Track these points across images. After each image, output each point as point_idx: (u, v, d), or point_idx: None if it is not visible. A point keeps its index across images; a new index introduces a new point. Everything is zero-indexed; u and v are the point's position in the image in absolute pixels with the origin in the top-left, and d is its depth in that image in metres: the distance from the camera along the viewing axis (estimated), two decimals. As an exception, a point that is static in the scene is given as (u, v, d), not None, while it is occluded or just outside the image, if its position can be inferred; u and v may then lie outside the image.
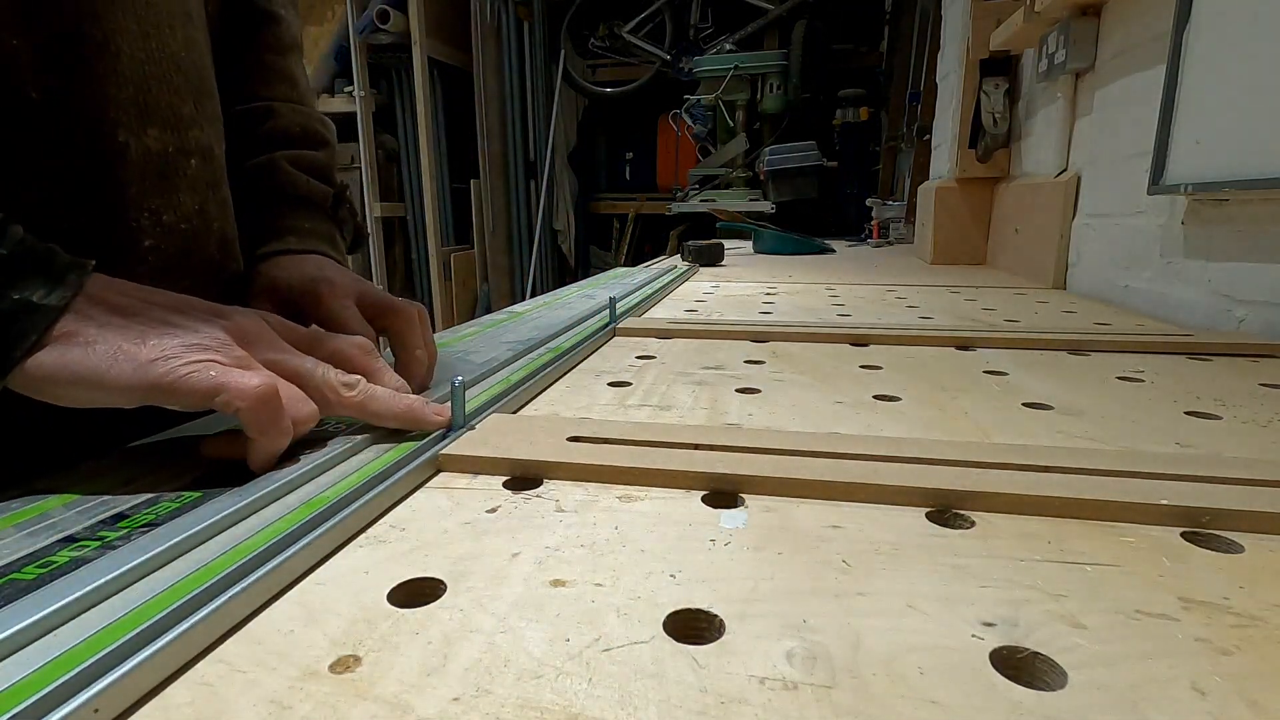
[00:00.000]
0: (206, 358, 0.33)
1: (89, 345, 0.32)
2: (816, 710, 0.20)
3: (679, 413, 0.50)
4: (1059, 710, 0.20)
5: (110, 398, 0.33)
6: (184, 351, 0.33)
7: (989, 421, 0.47)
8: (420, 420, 0.42)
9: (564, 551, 0.30)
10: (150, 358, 0.32)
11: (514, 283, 4.21)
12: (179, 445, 0.42)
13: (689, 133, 3.86)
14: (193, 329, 0.35)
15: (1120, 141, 1.09)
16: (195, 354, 0.33)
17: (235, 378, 0.33)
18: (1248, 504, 0.31)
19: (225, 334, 0.35)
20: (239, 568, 0.26)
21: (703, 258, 1.69)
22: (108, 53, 0.42)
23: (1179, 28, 0.87)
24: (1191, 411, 0.49)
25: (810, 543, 0.30)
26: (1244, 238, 0.81)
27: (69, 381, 0.32)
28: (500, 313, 0.96)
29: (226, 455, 0.37)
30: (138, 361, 0.32)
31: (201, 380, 0.33)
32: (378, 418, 0.41)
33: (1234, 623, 0.24)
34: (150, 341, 0.33)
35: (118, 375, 0.32)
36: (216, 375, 0.33)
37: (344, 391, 0.39)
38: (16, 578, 0.26)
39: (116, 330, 0.33)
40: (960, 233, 1.74)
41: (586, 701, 0.21)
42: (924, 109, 2.46)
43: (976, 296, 1.11)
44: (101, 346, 0.32)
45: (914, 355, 0.68)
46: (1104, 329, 0.80)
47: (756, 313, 0.95)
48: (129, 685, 0.21)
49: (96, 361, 0.32)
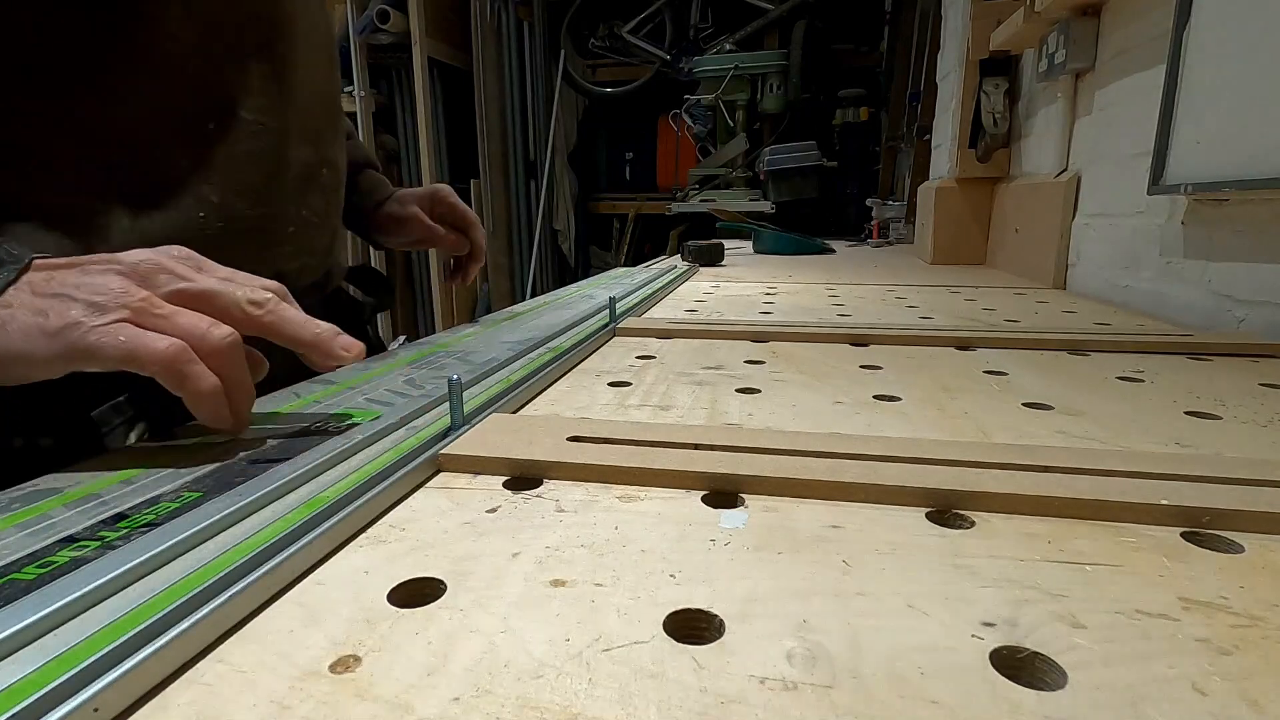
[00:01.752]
0: (111, 319, 0.35)
1: (3, 328, 0.34)
2: (816, 710, 0.20)
3: (679, 413, 0.50)
4: (1059, 710, 0.20)
5: (35, 371, 0.35)
6: (87, 315, 0.34)
7: (989, 421, 0.47)
8: (328, 350, 0.41)
9: (564, 551, 0.30)
10: (57, 327, 0.34)
11: (514, 283, 4.21)
12: (179, 445, 0.42)
13: (689, 133, 3.86)
14: (92, 289, 0.36)
15: (1120, 141, 1.09)
16: (98, 316, 0.34)
17: (145, 343, 0.34)
18: (1248, 504, 0.31)
19: (123, 281, 0.36)
20: (239, 567, 0.26)
21: (703, 258, 1.69)
22: (296, 85, 0.54)
23: (1179, 28, 0.87)
24: (1191, 411, 0.49)
25: (810, 543, 0.30)
26: (1244, 238, 0.81)
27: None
28: (500, 313, 0.96)
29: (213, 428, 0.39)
30: (48, 333, 0.34)
31: (111, 345, 0.34)
32: (288, 340, 0.40)
33: (1234, 623, 0.24)
34: (54, 312, 0.34)
35: (33, 350, 0.34)
36: (125, 341, 0.34)
37: (251, 309, 0.39)
38: (16, 578, 0.26)
39: (27, 310, 0.35)
40: (960, 233, 1.74)
41: (586, 701, 0.21)
42: (924, 109, 2.46)
43: (976, 296, 1.11)
44: (14, 326, 0.34)
45: (914, 355, 0.68)
46: (1104, 329, 0.80)
47: (756, 313, 0.95)
48: (129, 685, 0.21)
49: (10, 341, 0.34)
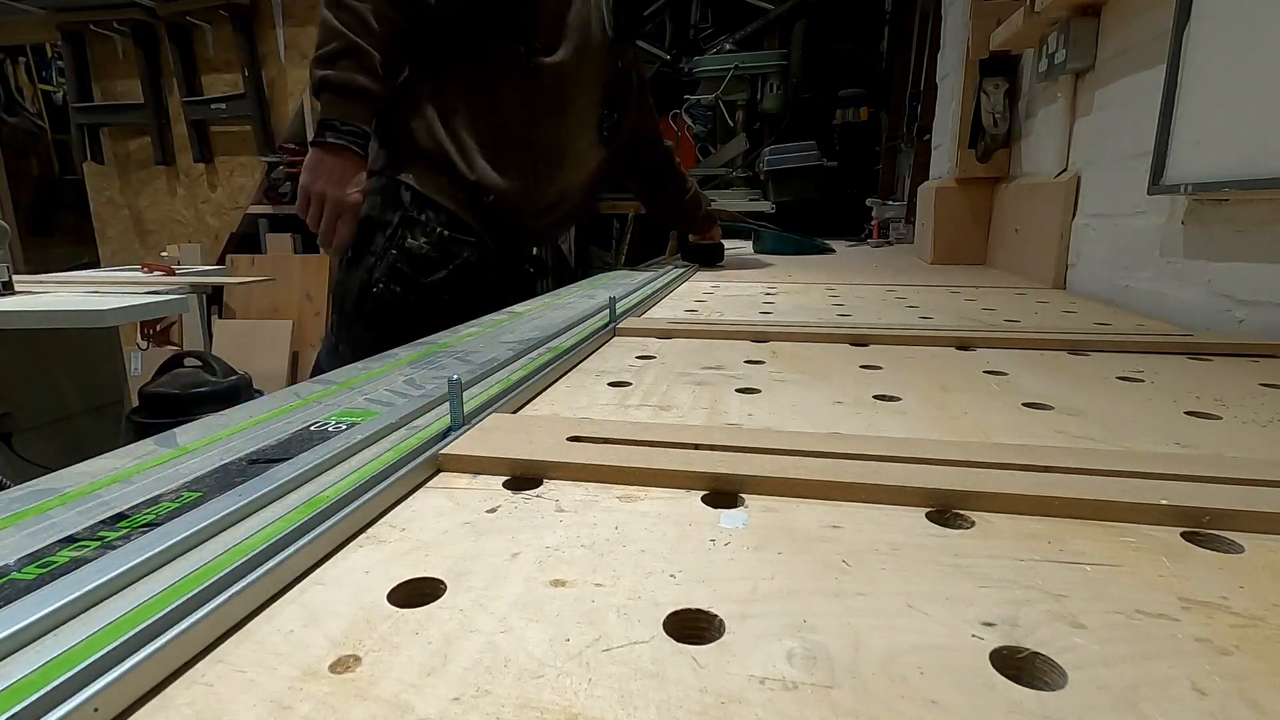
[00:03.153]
0: (304, 192, 1.05)
1: (314, 154, 1.03)
2: (816, 710, 0.20)
3: (679, 413, 0.50)
4: (1059, 710, 0.20)
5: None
6: (304, 182, 1.04)
7: (989, 421, 0.47)
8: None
9: (564, 551, 0.30)
10: (302, 180, 1.06)
11: (514, 283, 4.20)
12: (179, 445, 0.42)
13: (689, 133, 3.86)
14: (313, 180, 1.04)
15: (1120, 141, 1.09)
16: (303, 189, 1.05)
17: (300, 206, 1.07)
18: (1248, 504, 0.31)
19: (311, 185, 1.04)
20: (239, 568, 0.26)
21: (703, 258, 1.69)
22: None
23: (1179, 27, 0.87)
24: (1191, 411, 0.49)
25: (810, 543, 0.30)
26: (1244, 238, 0.81)
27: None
28: (500, 313, 0.96)
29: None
30: (304, 173, 1.05)
31: (300, 200, 1.06)
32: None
33: (1234, 623, 0.24)
34: (311, 173, 1.05)
35: (304, 171, 1.05)
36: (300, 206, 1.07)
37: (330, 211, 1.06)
38: (16, 578, 0.26)
39: (315, 157, 1.03)
40: (960, 233, 1.74)
41: (586, 701, 0.21)
42: (924, 109, 2.46)
43: (976, 296, 1.11)
44: (311, 158, 1.04)
45: (914, 355, 0.68)
46: (1104, 329, 0.80)
47: (756, 313, 0.95)
48: (129, 685, 0.21)
49: (308, 163, 1.05)
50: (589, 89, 1.19)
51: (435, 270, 1.09)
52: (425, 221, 1.09)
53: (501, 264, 1.21)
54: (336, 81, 0.98)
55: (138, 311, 1.65)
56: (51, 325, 1.52)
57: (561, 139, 1.18)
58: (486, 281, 1.15)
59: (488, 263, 1.15)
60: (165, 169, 4.30)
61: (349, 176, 1.02)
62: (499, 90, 1.10)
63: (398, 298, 1.08)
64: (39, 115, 5.02)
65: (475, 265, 1.13)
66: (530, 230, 1.24)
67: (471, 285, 1.11)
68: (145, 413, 1.83)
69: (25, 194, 5.01)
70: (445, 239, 1.09)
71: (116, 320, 1.57)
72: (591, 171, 1.27)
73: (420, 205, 1.09)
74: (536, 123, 1.13)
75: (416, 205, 1.09)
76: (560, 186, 1.21)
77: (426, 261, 1.09)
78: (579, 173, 1.24)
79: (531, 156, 1.15)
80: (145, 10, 4.02)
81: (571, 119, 1.18)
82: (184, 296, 1.81)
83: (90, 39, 4.21)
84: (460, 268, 1.11)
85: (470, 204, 1.12)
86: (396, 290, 1.08)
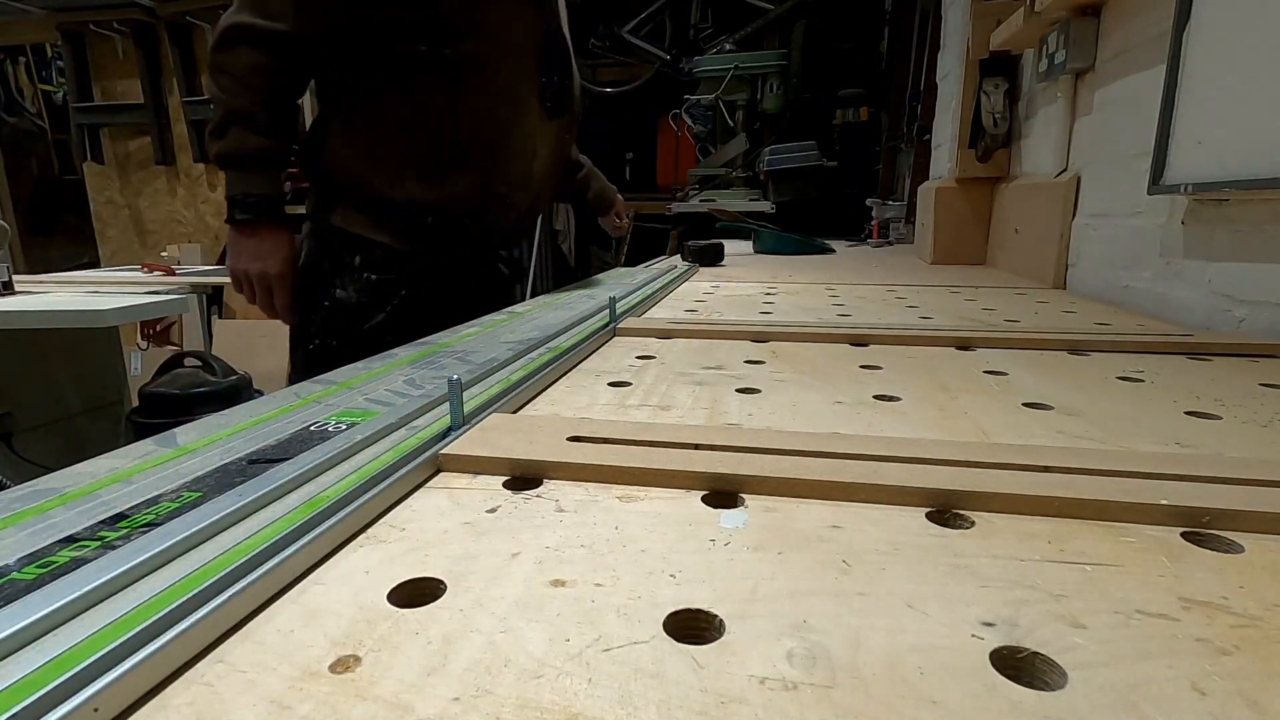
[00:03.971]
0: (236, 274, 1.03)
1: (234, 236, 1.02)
2: (816, 710, 0.20)
3: (679, 413, 0.50)
4: (1059, 710, 0.20)
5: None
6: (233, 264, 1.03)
7: (989, 421, 0.47)
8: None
9: (564, 551, 0.30)
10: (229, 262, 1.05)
11: (514, 283, 4.20)
12: (179, 446, 0.42)
13: (689, 133, 3.86)
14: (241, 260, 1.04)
15: (1120, 141, 1.09)
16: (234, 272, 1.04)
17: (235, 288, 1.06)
18: (1248, 504, 0.31)
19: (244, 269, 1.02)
20: (239, 568, 0.26)
21: (703, 258, 1.69)
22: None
23: (1179, 27, 0.87)
24: (1191, 411, 0.49)
25: (810, 543, 0.30)
26: (1244, 238, 0.81)
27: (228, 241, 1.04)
28: (500, 313, 0.96)
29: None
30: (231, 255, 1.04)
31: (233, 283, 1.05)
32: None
33: (1234, 623, 0.24)
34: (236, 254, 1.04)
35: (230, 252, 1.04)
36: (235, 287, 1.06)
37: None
38: (16, 578, 0.26)
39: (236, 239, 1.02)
40: (960, 233, 1.74)
41: (586, 701, 0.21)
42: (924, 109, 2.46)
43: (976, 296, 1.11)
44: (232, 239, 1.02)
45: (914, 355, 0.68)
46: (1104, 329, 0.80)
47: (756, 313, 0.96)
48: (129, 684, 0.21)
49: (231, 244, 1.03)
50: (519, 63, 1.05)
51: (371, 315, 1.02)
52: (355, 267, 1.01)
53: (468, 274, 1.13)
54: (229, 152, 0.93)
55: (138, 311, 1.66)
56: (51, 325, 1.53)
57: (500, 127, 1.05)
58: (443, 303, 1.02)
59: (442, 284, 1.07)
60: (165, 169, 4.31)
61: (267, 249, 0.99)
62: (414, 97, 0.99)
63: (334, 351, 1.00)
64: (39, 115, 5.03)
65: (420, 297, 1.04)
66: (496, 231, 1.14)
67: (420, 316, 0.96)
68: (145, 413, 1.83)
69: (25, 194, 5.02)
70: (374, 283, 1.01)
71: (116, 320, 1.57)
72: (550, 149, 1.15)
73: (350, 248, 1.02)
74: (466, 119, 1.01)
75: (347, 249, 1.02)
76: (514, 177, 1.09)
77: (360, 309, 1.01)
78: (533, 155, 1.11)
79: (471, 157, 1.03)
80: (145, 10, 4.02)
81: (505, 103, 1.04)
82: (184, 296, 1.81)
83: (90, 39, 4.21)
84: (399, 307, 1.02)
85: (409, 231, 1.03)
86: (333, 344, 1.02)
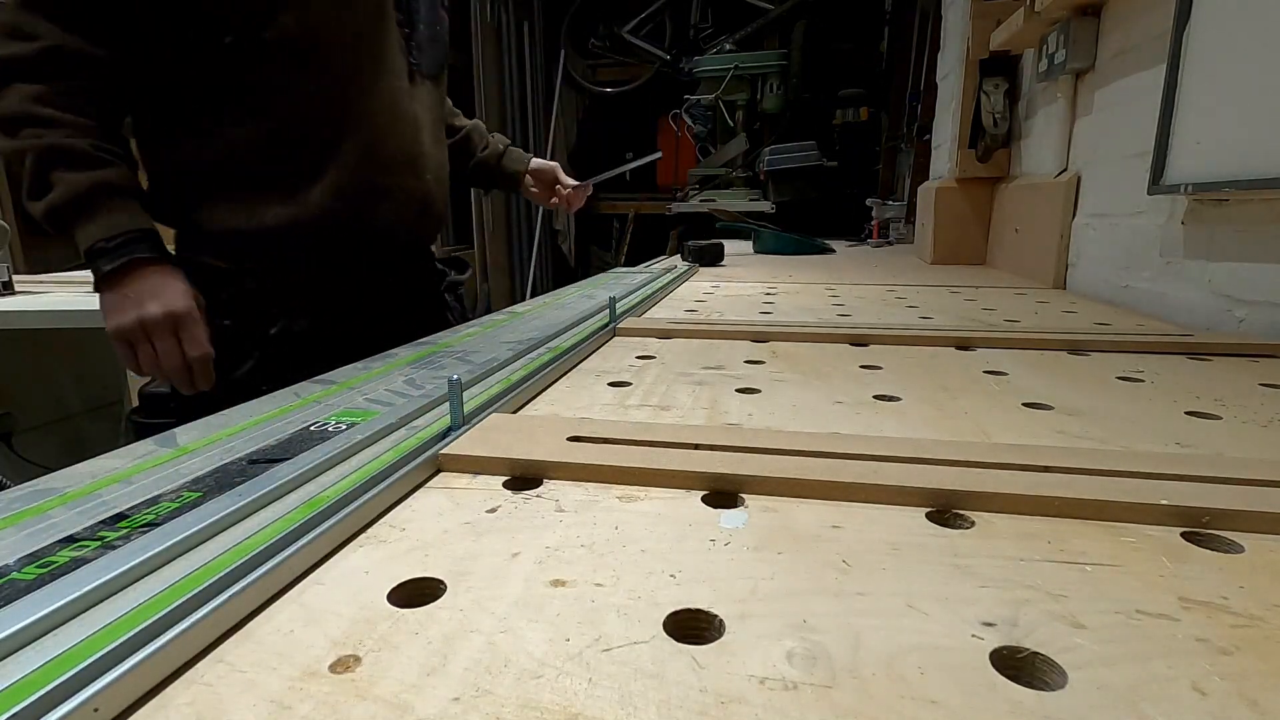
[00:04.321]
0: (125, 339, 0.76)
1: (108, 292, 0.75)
2: (816, 710, 0.20)
3: (679, 413, 0.50)
4: (1059, 710, 0.20)
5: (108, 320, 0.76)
6: (116, 325, 0.75)
7: (989, 421, 0.47)
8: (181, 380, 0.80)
9: (564, 551, 0.30)
10: (115, 323, 0.75)
11: (514, 283, 4.21)
12: (179, 446, 0.42)
13: (689, 133, 3.86)
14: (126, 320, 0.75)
15: (1120, 141, 1.09)
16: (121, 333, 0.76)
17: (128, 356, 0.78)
18: (1248, 504, 0.31)
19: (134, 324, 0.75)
20: (239, 568, 0.26)
21: (703, 258, 1.69)
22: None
23: (1179, 28, 0.87)
24: (1191, 411, 0.49)
25: (810, 543, 0.30)
26: (1244, 238, 0.81)
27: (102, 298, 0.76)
28: (500, 313, 0.96)
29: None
30: (111, 315, 0.75)
31: (117, 347, 0.77)
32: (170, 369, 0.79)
33: (1234, 623, 0.24)
34: (117, 311, 0.75)
35: (108, 312, 0.75)
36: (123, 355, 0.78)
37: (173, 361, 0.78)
38: (16, 578, 0.26)
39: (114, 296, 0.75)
40: (960, 233, 1.74)
41: (586, 701, 0.21)
42: (924, 109, 2.46)
43: (976, 296, 1.11)
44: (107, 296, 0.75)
45: (914, 355, 0.68)
46: (1104, 329, 0.80)
47: (756, 313, 0.96)
48: (129, 684, 0.21)
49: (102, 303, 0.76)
50: (366, 20, 0.83)
51: (241, 365, 0.83)
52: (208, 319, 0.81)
53: (388, 291, 0.92)
54: (61, 202, 0.72)
55: (138, 311, 1.65)
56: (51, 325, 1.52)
57: (358, 106, 0.83)
58: (365, 329, 0.82)
59: (350, 310, 0.87)
60: (165, 169, 4.30)
61: (155, 286, 0.75)
62: (244, 102, 0.78)
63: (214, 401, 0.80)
64: (39, 115, 5.02)
65: (316, 332, 0.84)
66: (398, 234, 0.91)
67: (328, 350, 0.71)
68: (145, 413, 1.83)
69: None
70: (228, 329, 0.82)
71: (116, 320, 1.57)
72: (436, 117, 0.95)
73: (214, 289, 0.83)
74: (313, 109, 0.80)
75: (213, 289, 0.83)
76: (394, 160, 0.87)
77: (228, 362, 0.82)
78: (415, 128, 0.90)
79: (330, 152, 0.82)
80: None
81: (359, 75, 0.83)
82: (184, 296, 1.80)
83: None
84: (278, 349, 0.83)
85: (280, 263, 0.83)
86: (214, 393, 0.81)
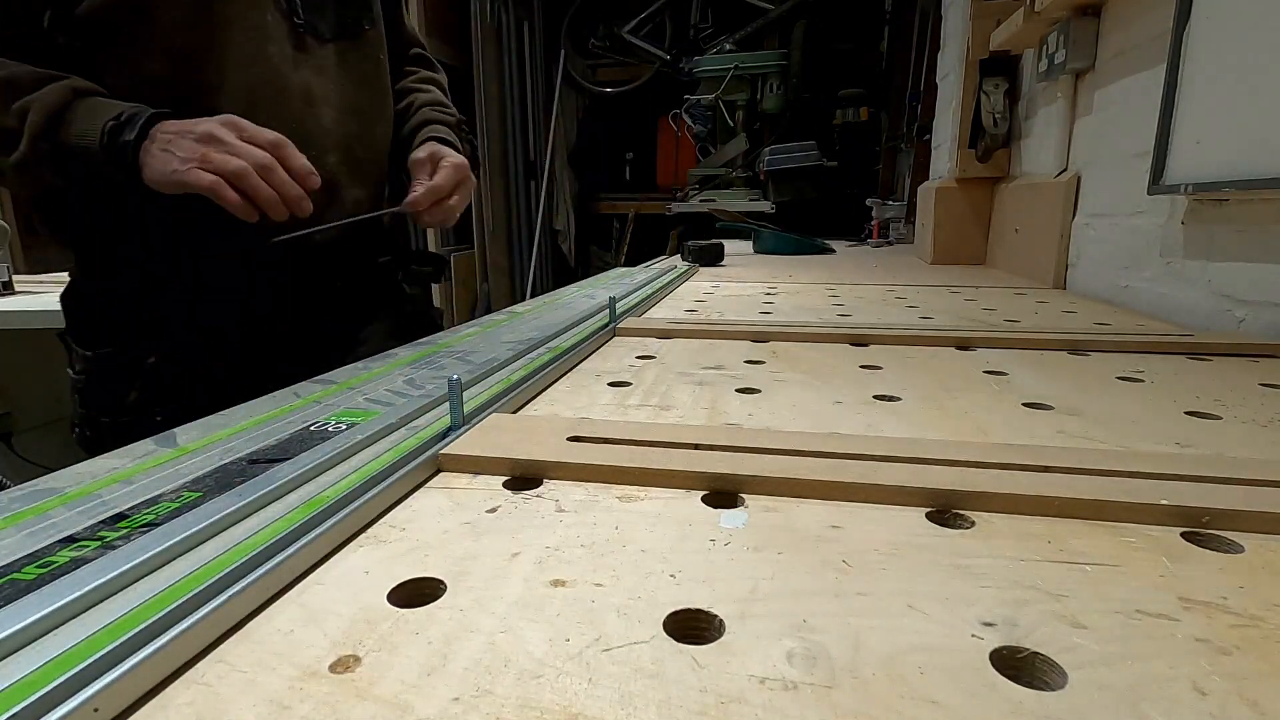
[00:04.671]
0: (190, 165, 0.62)
1: (147, 164, 0.63)
2: (816, 710, 0.20)
3: (679, 413, 0.50)
4: (1059, 710, 0.20)
5: (168, 190, 0.63)
6: (179, 165, 0.62)
7: (989, 421, 0.47)
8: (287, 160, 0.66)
9: (564, 551, 0.30)
10: (168, 169, 0.62)
11: (514, 283, 4.21)
12: (179, 446, 0.42)
13: (689, 133, 3.86)
14: (180, 148, 0.63)
15: (1120, 141, 1.09)
16: (183, 165, 0.62)
17: (197, 178, 0.62)
18: (1248, 504, 0.32)
19: (192, 144, 0.63)
20: (239, 568, 0.26)
21: (703, 258, 1.69)
22: None
23: (1179, 28, 0.87)
24: (1191, 411, 0.49)
25: (810, 543, 0.30)
26: (1244, 238, 0.81)
27: (149, 180, 0.63)
28: (500, 313, 0.96)
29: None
30: (165, 171, 0.63)
31: (192, 181, 0.62)
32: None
33: (1234, 623, 0.24)
34: (165, 160, 0.63)
35: (162, 179, 0.63)
36: (193, 179, 0.62)
37: (259, 154, 0.64)
38: (16, 578, 0.26)
39: (156, 154, 0.63)
40: (960, 233, 1.74)
41: (586, 701, 0.21)
42: (924, 109, 2.46)
43: (976, 296, 1.11)
44: (152, 162, 0.63)
45: (914, 355, 0.68)
46: (1104, 329, 0.80)
47: (756, 313, 0.95)
48: (129, 684, 0.21)
49: (151, 172, 0.63)
50: None
51: (125, 396, 0.74)
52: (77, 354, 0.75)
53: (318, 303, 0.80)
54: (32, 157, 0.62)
55: (138, 311, 1.65)
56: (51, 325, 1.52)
57: (220, 83, 0.69)
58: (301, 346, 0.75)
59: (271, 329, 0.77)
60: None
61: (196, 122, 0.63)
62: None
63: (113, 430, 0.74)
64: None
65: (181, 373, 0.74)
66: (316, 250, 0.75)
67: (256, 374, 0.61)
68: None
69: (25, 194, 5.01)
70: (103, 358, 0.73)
71: (116, 320, 1.56)
72: (345, 89, 0.79)
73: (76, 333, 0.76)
74: (156, 94, 0.66)
75: (72, 333, 0.77)
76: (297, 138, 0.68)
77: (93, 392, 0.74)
78: (305, 103, 0.75)
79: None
80: None
81: (206, 48, 0.69)
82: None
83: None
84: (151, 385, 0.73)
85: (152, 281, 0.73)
86: (88, 435, 0.75)
